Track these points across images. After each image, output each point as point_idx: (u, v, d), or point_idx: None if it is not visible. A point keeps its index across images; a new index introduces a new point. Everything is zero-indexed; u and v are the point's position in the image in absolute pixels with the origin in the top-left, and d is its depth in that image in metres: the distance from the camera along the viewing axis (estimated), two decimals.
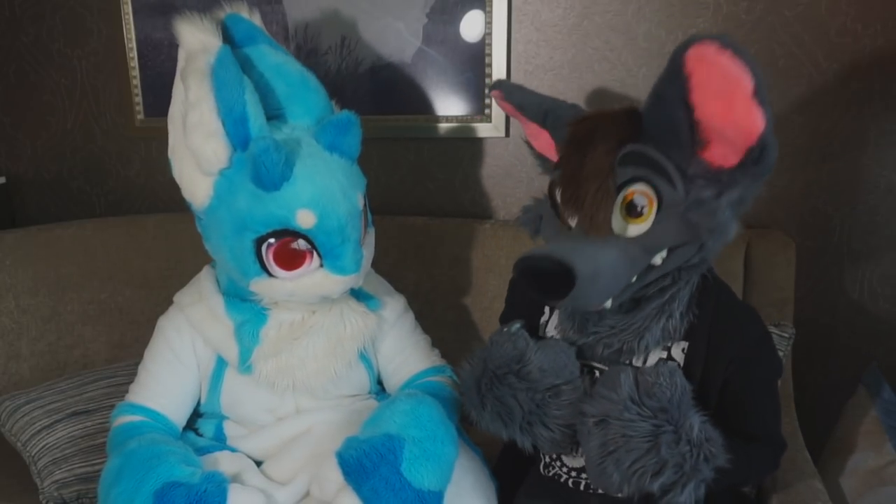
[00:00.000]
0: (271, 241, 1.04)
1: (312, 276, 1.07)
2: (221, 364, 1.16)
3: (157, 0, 1.76)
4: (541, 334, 1.11)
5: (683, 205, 0.89)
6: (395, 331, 1.23)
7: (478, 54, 1.61)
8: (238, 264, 1.07)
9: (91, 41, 1.86)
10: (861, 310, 1.55)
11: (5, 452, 1.43)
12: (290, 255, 1.05)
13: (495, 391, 1.01)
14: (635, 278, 0.92)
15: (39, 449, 1.33)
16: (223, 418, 1.20)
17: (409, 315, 1.28)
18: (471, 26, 1.60)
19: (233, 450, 1.16)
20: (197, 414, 1.23)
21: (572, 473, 1.09)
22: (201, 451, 1.12)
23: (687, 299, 0.99)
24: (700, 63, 0.81)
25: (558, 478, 1.11)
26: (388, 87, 1.68)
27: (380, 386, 1.28)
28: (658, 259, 0.92)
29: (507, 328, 1.06)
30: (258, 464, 1.15)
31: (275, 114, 1.10)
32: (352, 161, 1.10)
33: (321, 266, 1.07)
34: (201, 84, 0.99)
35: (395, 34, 1.64)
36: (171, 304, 1.21)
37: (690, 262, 0.94)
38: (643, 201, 0.90)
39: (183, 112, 1.03)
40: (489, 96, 1.61)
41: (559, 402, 0.99)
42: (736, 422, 0.99)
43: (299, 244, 1.05)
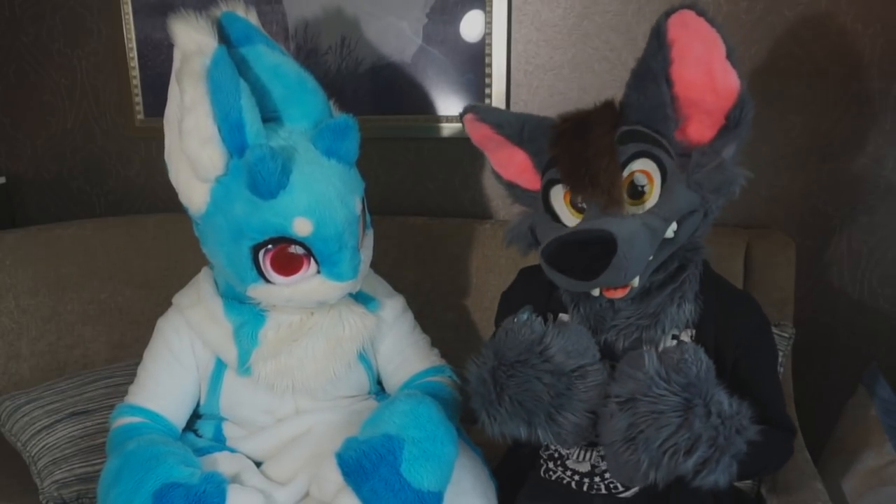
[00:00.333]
0: (269, 247, 1.04)
1: (310, 282, 1.07)
2: (220, 366, 1.16)
3: (156, 0, 1.76)
4: None
5: (686, 171, 0.95)
6: (395, 331, 1.23)
7: (478, 54, 1.61)
8: (235, 270, 1.07)
9: (91, 41, 1.86)
10: (861, 310, 1.55)
11: (5, 452, 1.43)
12: (287, 260, 1.05)
13: (517, 378, 0.94)
14: (652, 257, 0.95)
15: (39, 449, 1.33)
16: (222, 419, 1.20)
17: (409, 315, 1.27)
18: (471, 26, 1.60)
19: (232, 450, 1.16)
20: (196, 415, 1.22)
21: (575, 477, 1.09)
22: (200, 452, 1.12)
23: (697, 284, 1.03)
24: (683, 29, 0.90)
25: (561, 480, 1.11)
26: (388, 87, 1.67)
27: (379, 386, 1.28)
28: (670, 232, 0.95)
29: (516, 317, 1.00)
30: (258, 464, 1.15)
31: (271, 116, 1.08)
32: (350, 166, 1.08)
33: (318, 272, 1.06)
34: (197, 87, 0.98)
35: (396, 34, 1.64)
36: (170, 306, 1.21)
37: (698, 232, 0.99)
38: (643, 180, 0.95)
39: (178, 115, 1.02)
40: (489, 96, 1.61)
41: (586, 383, 0.94)
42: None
43: (296, 249, 1.05)
